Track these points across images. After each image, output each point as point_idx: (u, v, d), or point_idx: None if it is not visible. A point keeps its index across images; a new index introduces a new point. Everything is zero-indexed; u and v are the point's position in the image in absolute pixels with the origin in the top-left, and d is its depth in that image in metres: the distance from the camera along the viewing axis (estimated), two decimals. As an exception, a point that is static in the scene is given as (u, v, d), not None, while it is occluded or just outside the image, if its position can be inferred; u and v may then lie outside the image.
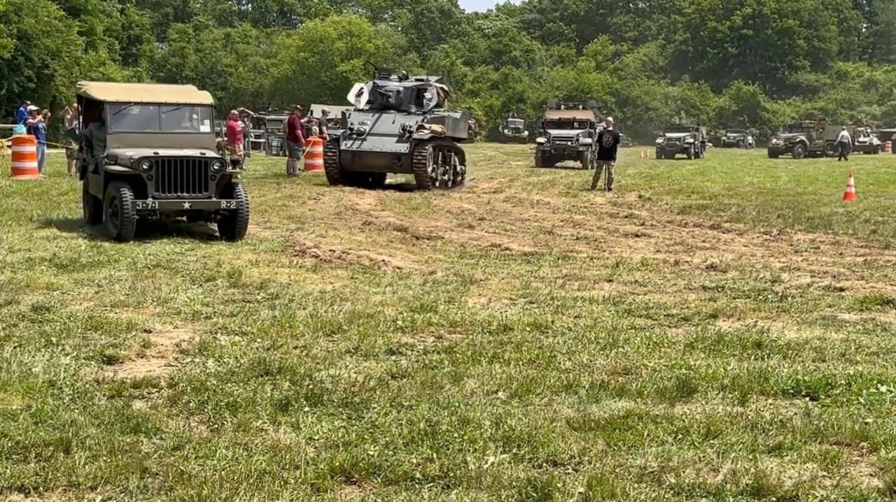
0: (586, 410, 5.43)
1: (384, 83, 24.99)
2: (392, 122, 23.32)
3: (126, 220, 12.01)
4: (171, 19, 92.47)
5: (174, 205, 12.48)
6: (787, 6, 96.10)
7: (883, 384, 5.90)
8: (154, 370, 6.34)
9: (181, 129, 13.60)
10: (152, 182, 12.30)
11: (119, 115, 13.23)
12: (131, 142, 12.88)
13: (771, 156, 52.80)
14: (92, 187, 13.63)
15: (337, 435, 5.00)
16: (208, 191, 12.54)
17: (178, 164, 12.44)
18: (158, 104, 13.52)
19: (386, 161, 23.21)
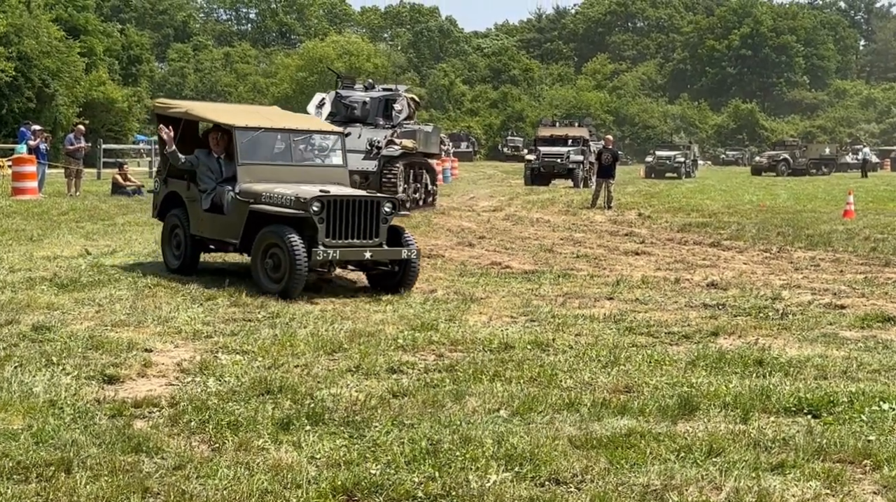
0: (588, 428, 5.41)
1: (348, 93, 23.05)
2: (358, 136, 21.22)
3: (298, 274, 9.66)
4: (171, 39, 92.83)
5: (354, 254, 10.18)
6: (783, 24, 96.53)
7: (885, 401, 5.89)
8: (155, 389, 6.32)
9: (313, 161, 11.73)
10: (323, 226, 10.03)
11: (248, 144, 11.06)
12: (263, 176, 10.86)
13: (754, 173, 52.86)
14: (201, 227, 11.11)
15: (338, 454, 4.98)
16: (379, 237, 10.34)
17: (349, 206, 10.21)
18: (289, 131, 11.49)
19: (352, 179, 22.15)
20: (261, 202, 10.34)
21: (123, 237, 14.88)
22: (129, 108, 55.99)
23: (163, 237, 11.69)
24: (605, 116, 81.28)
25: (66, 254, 12.59)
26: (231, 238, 10.73)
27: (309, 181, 10.88)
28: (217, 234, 10.99)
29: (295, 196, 10.11)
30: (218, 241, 11.12)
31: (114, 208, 19.81)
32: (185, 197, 11.32)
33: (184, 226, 11.21)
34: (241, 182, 10.72)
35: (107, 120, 52.68)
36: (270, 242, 10.04)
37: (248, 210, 10.38)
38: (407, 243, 10.51)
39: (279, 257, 9.88)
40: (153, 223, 16.98)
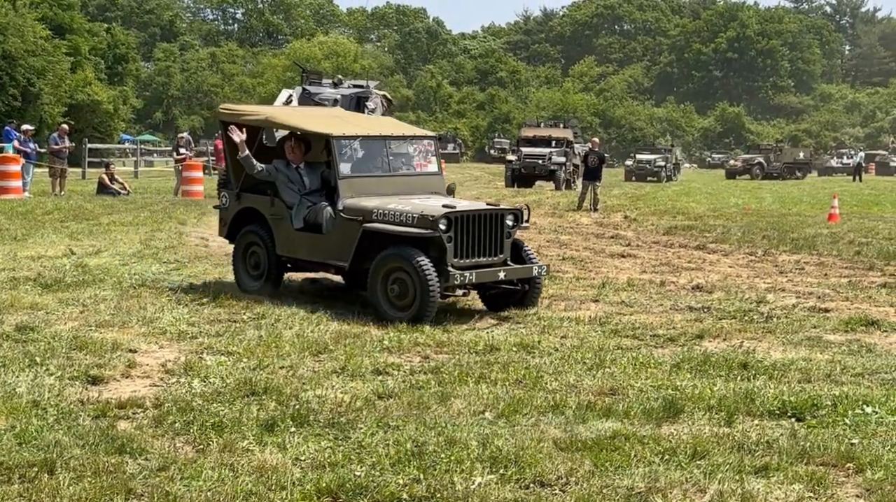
0: (573, 431, 5.42)
1: (317, 89, 21.52)
2: None
3: (431, 301, 8.66)
4: (158, 39, 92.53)
5: (489, 275, 9.22)
6: (770, 27, 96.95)
7: (868, 405, 5.91)
8: (139, 390, 6.30)
9: (411, 170, 10.65)
10: (452, 246, 9.00)
11: (345, 154, 9.99)
12: (365, 190, 9.79)
13: (728, 177, 52.55)
14: (292, 247, 9.91)
15: (323, 455, 4.98)
16: (504, 253, 9.45)
17: (476, 221, 9.24)
18: (384, 137, 10.33)
19: None
20: (374, 220, 9.20)
21: (108, 237, 14.82)
22: (115, 108, 55.79)
23: (235, 257, 10.41)
24: (591, 119, 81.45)
25: (51, 254, 12.53)
26: (336, 260, 9.52)
27: (409, 192, 9.88)
28: (317, 256, 9.75)
29: (420, 213, 9.02)
30: (317, 264, 9.95)
31: (99, 208, 19.72)
32: (268, 214, 10.04)
33: (266, 246, 10.02)
34: (343, 198, 9.55)
35: (92, 119, 52.49)
36: (394, 266, 8.93)
37: (360, 230, 9.24)
38: (530, 258, 9.71)
39: (406, 283, 8.80)
40: (138, 223, 16.95)
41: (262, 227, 10.13)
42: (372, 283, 9.04)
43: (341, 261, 9.49)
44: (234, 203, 10.49)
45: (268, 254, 10.05)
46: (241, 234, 10.37)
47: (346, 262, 9.41)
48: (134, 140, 55.09)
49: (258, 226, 10.18)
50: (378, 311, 8.92)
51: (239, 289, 9.98)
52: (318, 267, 10.06)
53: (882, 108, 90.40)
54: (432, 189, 10.28)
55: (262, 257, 10.12)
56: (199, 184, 25.33)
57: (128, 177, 32.09)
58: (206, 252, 13.60)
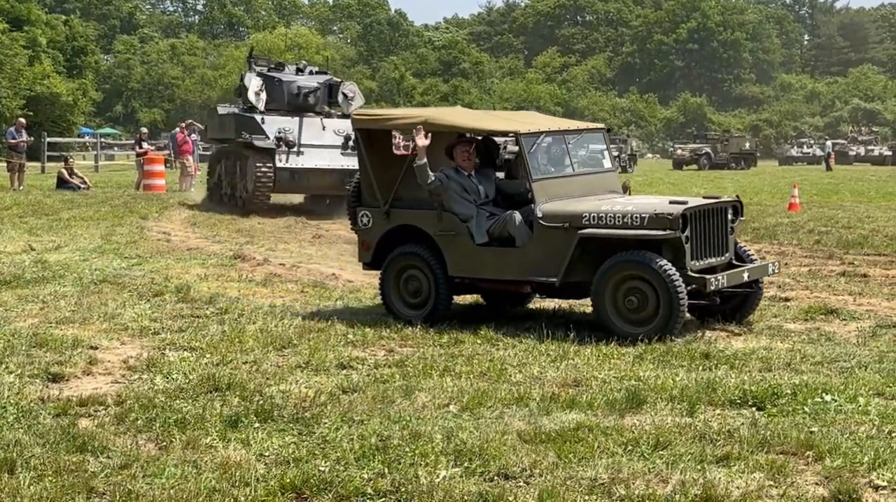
0: (537, 423, 5.44)
1: (290, 77, 20.13)
2: (321, 128, 19.00)
3: (680, 311, 7.72)
4: (117, 31, 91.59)
5: (736, 277, 8.28)
6: (732, 18, 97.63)
7: (827, 393, 5.98)
8: (101, 387, 6.25)
9: (591, 168, 9.62)
10: (689, 246, 8.02)
11: (534, 154, 8.86)
12: (557, 192, 8.63)
13: (675, 167, 52.41)
14: (474, 266, 8.61)
15: (287, 450, 4.97)
16: (729, 252, 8.55)
17: (705, 217, 8.26)
18: (562, 132, 9.21)
19: (332, 180, 18.41)
20: (589, 226, 8.11)
21: (68, 232, 14.67)
22: (74, 101, 55.18)
23: (386, 283, 8.89)
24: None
25: (9, 250, 12.39)
26: (539, 276, 8.30)
27: (591, 192, 8.85)
28: (509, 274, 8.50)
29: (653, 212, 7.98)
30: (505, 283, 8.69)
31: (58, 203, 19.52)
32: (434, 231, 8.69)
33: (431, 268, 8.65)
34: (539, 203, 8.33)
35: (51, 113, 51.90)
36: (627, 275, 7.91)
37: (575, 237, 8.08)
38: (749, 255, 8.83)
39: (645, 294, 7.81)
40: (99, 218, 16.79)
41: (424, 247, 8.74)
42: (599, 297, 7.97)
43: (547, 275, 8.24)
44: (382, 221, 8.97)
45: (434, 278, 8.65)
46: (393, 258, 8.89)
47: (555, 277, 8.18)
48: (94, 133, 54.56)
49: (417, 246, 8.79)
50: (610, 328, 7.87)
51: (395, 317, 8.66)
52: (504, 285, 8.78)
53: (841, 97, 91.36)
54: (610, 187, 9.19)
55: (425, 282, 8.71)
56: (160, 178, 25.14)
57: (88, 171, 31.79)
58: (168, 247, 13.51)
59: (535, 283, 8.43)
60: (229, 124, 19.52)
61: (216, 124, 20.76)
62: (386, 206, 8.91)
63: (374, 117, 9.61)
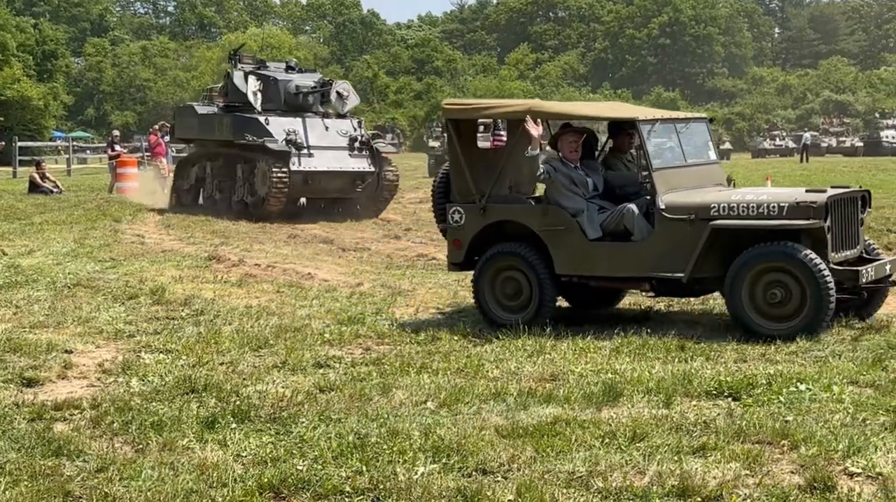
0: (515, 417, 5.46)
1: (286, 76, 19.15)
2: (325, 129, 18.14)
3: (829, 303, 7.35)
4: (88, 34, 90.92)
5: (880, 269, 7.94)
6: (704, 13, 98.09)
7: (802, 383, 6.03)
8: (76, 391, 6.22)
9: (700, 158, 8.98)
10: (830, 237, 7.63)
11: (652, 143, 8.33)
12: (676, 183, 8.21)
13: None
14: (585, 264, 8.13)
15: (265, 450, 4.95)
16: (860, 245, 8.19)
17: (844, 207, 7.87)
18: (674, 121, 8.80)
19: (343, 183, 17.80)
20: (718, 217, 7.70)
21: (41, 237, 14.56)
22: (46, 105, 54.75)
23: (480, 285, 8.34)
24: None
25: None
26: (663, 271, 7.82)
27: (700, 184, 8.40)
28: (628, 270, 8.05)
29: (794, 201, 7.59)
30: (622, 280, 8.30)
31: (31, 207, 19.36)
32: (538, 227, 8.18)
33: (533, 267, 8.12)
34: (660, 194, 7.91)
35: (22, 117, 51.47)
36: (768, 267, 7.48)
37: (706, 230, 7.65)
38: (875, 250, 8.42)
39: (788, 288, 7.40)
40: (72, 222, 16.67)
41: (526, 245, 8.24)
42: (734, 293, 7.56)
43: (672, 271, 7.78)
44: (477, 218, 8.43)
45: (537, 278, 8.13)
46: (490, 257, 8.37)
47: (681, 272, 7.72)
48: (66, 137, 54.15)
49: (517, 243, 8.29)
50: (747, 325, 7.54)
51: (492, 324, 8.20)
52: (620, 284, 8.47)
53: (812, 89, 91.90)
54: (716, 179, 8.75)
55: (525, 282, 8.22)
56: (133, 181, 24.99)
57: (60, 174, 31.56)
58: (143, 249, 13.44)
59: (657, 280, 7.97)
60: (223, 125, 18.28)
61: (194, 124, 19.43)
62: (483, 202, 8.40)
63: (470, 107, 9.15)
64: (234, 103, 18.75)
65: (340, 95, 18.67)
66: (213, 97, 21.81)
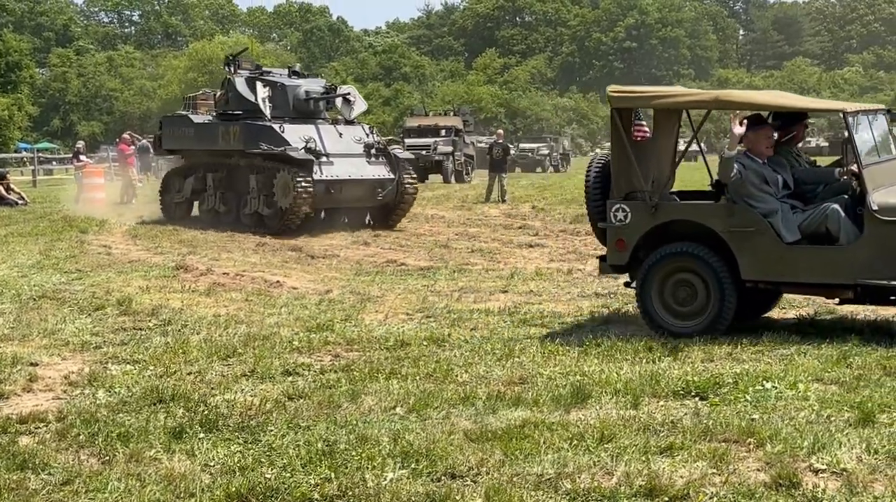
0: (483, 421, 5.46)
1: (293, 81, 18.30)
2: (338, 135, 17.34)
3: None
4: (53, 44, 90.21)
5: None
6: (670, 16, 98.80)
7: (768, 381, 6.08)
8: (41, 404, 6.15)
9: (890, 153, 8.28)
10: None
11: (859, 137, 7.69)
12: (882, 180, 7.61)
13: None
14: (779, 268, 7.55)
15: (233, 459, 4.93)
16: None
17: None
18: (873, 112, 8.28)
19: (364, 191, 17.03)
20: None
21: (6, 249, 14.43)
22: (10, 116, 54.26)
23: (647, 290, 7.77)
24: (496, 110, 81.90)
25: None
26: (878, 278, 7.24)
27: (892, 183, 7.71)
28: (833, 277, 7.42)
29: None
30: (829, 287, 7.57)
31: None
32: (722, 228, 7.58)
33: (716, 272, 7.52)
34: (870, 193, 7.29)
35: (-14, 128, 51.01)
36: None
37: None
38: None
39: None
40: (37, 233, 16.55)
41: (704, 246, 7.65)
42: None
43: (888, 277, 7.22)
44: (646, 217, 7.81)
45: (718, 283, 7.54)
46: (659, 259, 7.76)
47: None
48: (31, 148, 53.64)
49: (693, 244, 7.69)
50: None
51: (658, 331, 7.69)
52: (819, 291, 7.81)
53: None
54: None
55: (702, 287, 7.65)
56: (100, 192, 24.82)
57: (26, 186, 31.28)
58: (109, 260, 13.34)
59: (866, 287, 7.35)
60: (231, 134, 17.31)
61: (190, 134, 18.55)
62: (655, 199, 7.79)
63: (641, 95, 8.39)
64: (235, 111, 17.81)
65: (347, 100, 18.06)
66: (199, 105, 21.29)
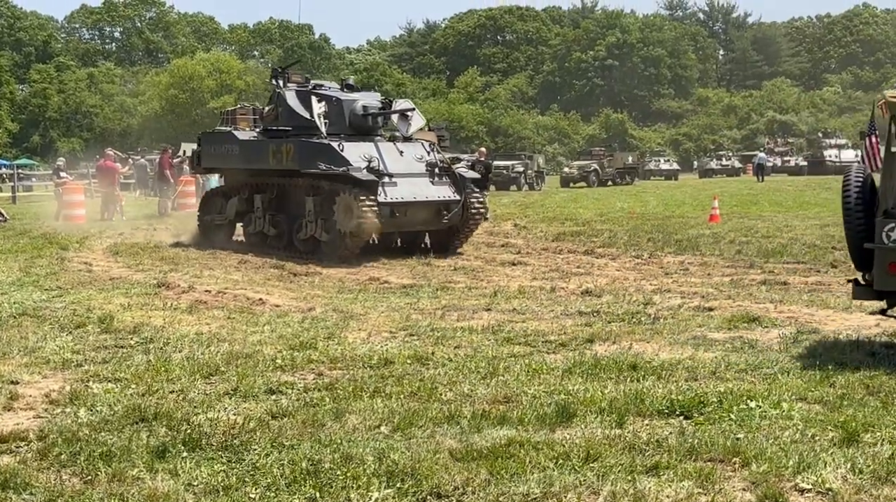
0: (469, 440, 5.45)
1: (349, 96, 16.85)
2: (399, 153, 15.90)
3: None
4: (33, 59, 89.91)
5: None
6: (651, 36, 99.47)
7: (752, 400, 6.09)
8: (22, 423, 6.09)
9: None
10: None
11: None
12: None
13: (563, 185, 50.84)
14: None
15: (217, 479, 4.89)
16: None
17: None
18: None
19: (429, 214, 15.69)
20: None
21: (-14, 266, 14.32)
22: (-11, 132, 54.00)
23: None
24: (478, 128, 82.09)
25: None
26: None
27: None
28: None
29: None
30: None
31: (-25, 236, 19.05)
32: None
33: None
34: None
35: (-35, 145, 50.71)
36: None
37: None
38: None
39: None
40: (17, 250, 16.44)
41: None
42: None
43: None
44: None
45: None
46: None
47: None
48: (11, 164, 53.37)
49: None
50: None
51: None
52: None
53: (756, 110, 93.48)
54: None
55: None
56: (80, 208, 24.71)
57: (5, 202, 31.09)
58: (90, 277, 13.26)
59: None
60: (284, 153, 16.03)
61: (234, 152, 17.35)
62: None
63: None
64: (285, 127, 16.60)
65: (405, 116, 16.82)
66: (238, 119, 20.59)
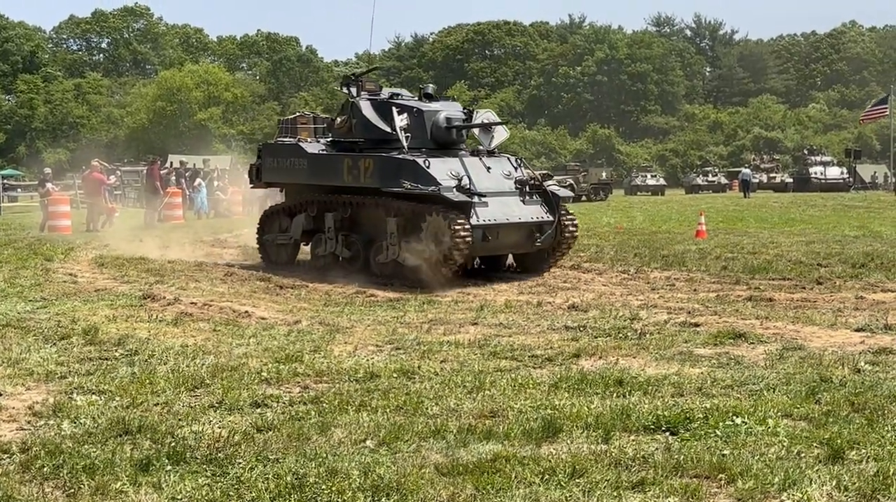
0: (454, 455, 5.43)
1: (431, 107, 15.25)
2: (486, 170, 14.47)
3: None
4: (19, 69, 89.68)
5: None
6: (639, 52, 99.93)
7: (738, 416, 6.10)
8: (5, 435, 6.05)
9: None
10: None
11: None
12: None
13: None
14: None
15: (201, 493, 4.87)
16: None
17: None
18: None
19: (520, 237, 14.31)
20: None
21: (-30, 276, 14.25)
22: (-25, 142, 53.78)
23: None
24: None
25: None
26: None
27: None
28: None
29: None
30: None
31: (-41, 246, 18.96)
32: None
33: None
34: None
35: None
36: None
37: None
38: None
39: None
40: (1, 261, 16.37)
41: None
42: None
43: None
44: None
45: None
46: None
47: None
48: None
49: None
50: None
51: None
52: None
53: (742, 126, 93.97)
54: None
55: None
56: (66, 219, 24.62)
57: (-10, 212, 30.97)
58: (75, 288, 13.20)
59: None
60: (363, 169, 14.66)
61: (302, 166, 15.93)
62: None
63: None
64: (358, 139, 15.47)
65: (487, 128, 15.49)
66: (299, 129, 19.76)
